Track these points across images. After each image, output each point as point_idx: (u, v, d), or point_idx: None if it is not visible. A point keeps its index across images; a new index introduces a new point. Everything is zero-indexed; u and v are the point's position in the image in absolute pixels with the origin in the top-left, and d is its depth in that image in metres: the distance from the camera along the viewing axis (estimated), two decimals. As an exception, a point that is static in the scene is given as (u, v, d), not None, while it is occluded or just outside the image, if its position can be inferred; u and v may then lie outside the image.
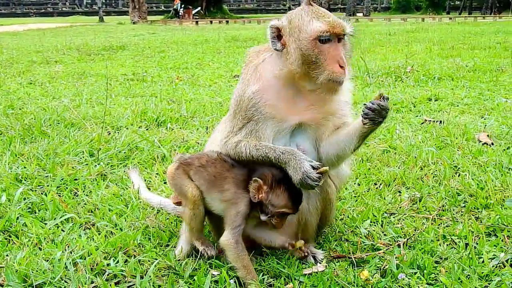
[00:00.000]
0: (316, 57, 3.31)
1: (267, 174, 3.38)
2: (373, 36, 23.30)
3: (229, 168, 3.49)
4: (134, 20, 51.09)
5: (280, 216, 3.39)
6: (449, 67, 11.95)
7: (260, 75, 3.52)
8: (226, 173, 3.47)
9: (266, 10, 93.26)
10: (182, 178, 3.55)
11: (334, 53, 3.31)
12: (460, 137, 6.16)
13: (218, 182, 3.46)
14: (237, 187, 3.42)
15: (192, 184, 3.50)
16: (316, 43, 3.31)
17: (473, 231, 3.90)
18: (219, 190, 3.45)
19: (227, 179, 3.45)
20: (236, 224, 3.37)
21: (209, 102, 8.51)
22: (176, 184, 3.60)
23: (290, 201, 3.37)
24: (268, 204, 3.36)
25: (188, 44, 21.33)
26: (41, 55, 16.74)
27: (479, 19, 45.19)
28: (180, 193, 3.60)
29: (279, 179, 3.37)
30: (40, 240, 3.88)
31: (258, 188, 3.36)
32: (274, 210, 3.36)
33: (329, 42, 3.32)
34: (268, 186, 3.36)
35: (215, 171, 3.49)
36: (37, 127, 6.80)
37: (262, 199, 3.36)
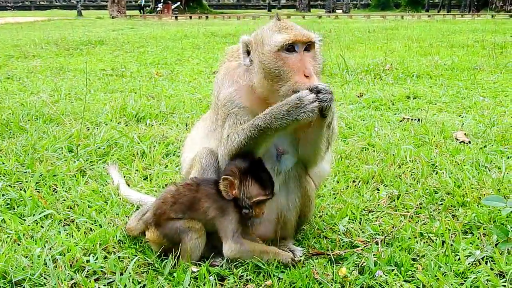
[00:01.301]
0: (279, 70, 3.30)
1: (233, 169, 3.41)
2: (352, 33, 23.38)
3: (196, 189, 3.50)
4: (113, 15, 50.78)
5: (258, 205, 3.43)
6: (428, 65, 12.04)
7: (234, 79, 3.56)
8: (197, 194, 3.48)
9: (245, 6, 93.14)
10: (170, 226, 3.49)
11: (299, 63, 3.30)
12: (437, 135, 6.23)
13: (195, 206, 3.46)
14: (215, 201, 3.44)
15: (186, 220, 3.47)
16: (279, 55, 3.31)
17: (449, 228, 3.95)
18: (201, 212, 3.46)
19: (201, 199, 3.46)
20: (233, 232, 3.41)
21: (188, 99, 8.51)
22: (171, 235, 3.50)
23: (263, 186, 3.40)
24: (243, 198, 3.40)
25: (168, 39, 21.26)
26: (18, 50, 16.60)
27: (458, 17, 45.50)
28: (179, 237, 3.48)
29: (245, 169, 3.39)
30: (19, 237, 3.87)
31: (230, 185, 3.40)
32: (251, 201, 3.39)
33: (294, 52, 3.32)
34: (238, 180, 3.39)
35: (187, 198, 3.49)
36: (15, 122, 6.76)
37: (236, 195, 3.40)
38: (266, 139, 3.38)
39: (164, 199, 3.56)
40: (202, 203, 3.45)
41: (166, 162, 5.57)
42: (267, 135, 3.34)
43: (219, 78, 3.65)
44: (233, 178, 3.39)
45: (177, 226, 3.45)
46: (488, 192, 4.57)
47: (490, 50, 14.07)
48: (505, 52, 14.49)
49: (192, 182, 3.55)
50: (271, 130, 3.30)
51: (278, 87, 3.31)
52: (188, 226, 3.44)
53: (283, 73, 3.30)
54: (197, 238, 3.45)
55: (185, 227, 3.44)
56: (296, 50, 3.32)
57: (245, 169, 3.40)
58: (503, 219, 4.02)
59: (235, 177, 3.39)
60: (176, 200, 3.50)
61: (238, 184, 3.40)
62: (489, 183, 4.77)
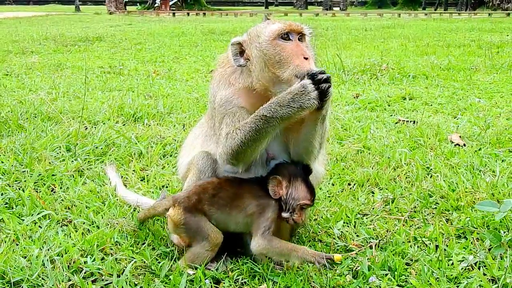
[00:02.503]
0: (279, 56, 3.37)
1: (284, 169, 3.48)
2: (349, 31, 23.44)
3: (239, 184, 3.53)
4: (111, 11, 50.72)
5: (301, 210, 3.49)
6: (424, 65, 12.09)
7: (230, 82, 3.59)
8: (240, 190, 3.50)
9: (243, 2, 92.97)
10: (197, 220, 3.50)
11: (296, 49, 3.39)
12: (433, 137, 6.27)
13: (236, 202, 3.48)
14: (258, 198, 3.47)
15: (212, 226, 3.49)
16: (276, 43, 3.40)
17: (443, 233, 3.99)
18: (241, 209, 3.48)
19: (244, 194, 3.49)
20: (266, 228, 3.43)
21: (186, 98, 8.54)
22: (191, 228, 3.51)
23: (309, 192, 3.48)
24: (288, 199, 3.45)
25: (165, 36, 21.27)
26: (17, 45, 16.63)
27: (455, 15, 45.52)
28: (195, 236, 3.51)
29: (295, 172, 3.48)
30: (17, 237, 3.90)
31: (278, 184, 3.45)
32: (295, 204, 3.45)
33: (289, 40, 3.42)
34: (287, 180, 3.45)
35: (229, 193, 3.50)
36: (14, 120, 6.79)
37: (282, 195, 3.45)
38: (271, 130, 3.36)
39: (204, 188, 3.55)
40: (244, 199, 3.48)
41: (163, 163, 5.61)
42: (272, 125, 3.32)
43: (214, 84, 3.67)
44: (282, 178, 3.46)
45: (201, 225, 3.47)
46: (482, 197, 4.61)
47: (487, 50, 14.11)
48: (502, 52, 14.56)
49: (234, 178, 3.56)
50: (276, 120, 3.29)
51: (281, 72, 3.36)
52: (210, 234, 3.46)
53: (283, 59, 3.36)
54: (208, 251, 3.47)
55: (206, 232, 3.46)
56: (291, 39, 3.42)
57: (295, 172, 3.49)
58: (496, 224, 4.06)
59: (284, 177, 3.46)
60: (216, 193, 3.51)
61: (286, 185, 3.46)
62: (483, 187, 4.81)
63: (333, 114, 7.36)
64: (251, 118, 3.36)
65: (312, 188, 3.53)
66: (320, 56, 12.24)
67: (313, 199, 3.53)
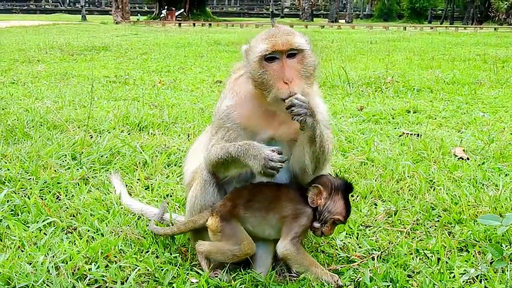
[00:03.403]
0: (262, 78, 3.34)
1: (327, 181, 3.52)
2: (354, 44, 23.52)
3: (277, 188, 3.54)
4: (117, 20, 50.98)
5: (332, 224, 3.52)
6: (429, 79, 12.11)
7: (236, 91, 3.61)
8: (278, 193, 3.52)
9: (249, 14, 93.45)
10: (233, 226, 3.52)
11: (279, 71, 3.32)
12: (436, 151, 6.28)
13: (273, 204, 3.50)
14: (295, 202, 3.50)
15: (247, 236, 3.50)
16: (262, 63, 3.35)
17: (445, 246, 4.00)
18: (277, 210, 3.49)
19: (282, 196, 3.51)
20: (297, 235, 3.46)
21: (190, 108, 8.58)
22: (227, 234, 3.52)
23: (345, 209, 3.53)
24: (324, 210, 3.48)
25: (171, 46, 21.38)
26: (23, 54, 16.72)
27: (460, 29, 45.61)
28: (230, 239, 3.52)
29: (337, 186, 3.52)
30: (23, 243, 3.93)
31: (318, 193, 3.48)
32: (329, 217, 3.48)
33: (276, 60, 3.35)
34: (327, 192, 3.49)
35: (266, 196, 3.52)
36: (20, 128, 6.84)
37: (319, 205, 3.48)
38: (235, 166, 3.48)
39: (239, 194, 3.58)
40: (282, 201, 3.49)
41: (168, 172, 5.64)
42: (236, 164, 3.45)
43: (225, 91, 3.72)
44: (323, 189, 3.49)
45: (237, 232, 3.49)
46: (485, 210, 4.62)
47: (492, 64, 14.15)
48: (507, 67, 14.60)
49: (271, 183, 3.55)
50: (239, 163, 3.41)
51: (266, 94, 3.36)
52: (243, 242, 3.47)
53: (266, 81, 3.34)
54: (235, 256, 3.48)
55: (241, 239, 3.47)
56: (278, 58, 3.35)
57: (338, 186, 3.53)
58: (498, 238, 4.07)
59: (325, 188, 3.50)
60: (252, 198, 3.53)
61: (326, 196, 3.49)
62: (486, 200, 4.82)
63: (337, 126, 7.39)
64: (223, 147, 3.46)
65: (349, 206, 3.57)
66: (325, 68, 12.35)
67: (346, 216, 3.56)
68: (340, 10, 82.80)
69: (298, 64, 3.36)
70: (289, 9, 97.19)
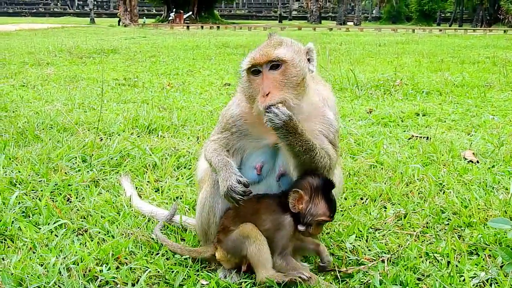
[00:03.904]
0: (248, 91, 3.43)
1: (306, 183, 3.44)
2: (363, 46, 23.53)
3: (257, 200, 3.52)
4: (125, 23, 51.12)
5: (318, 225, 3.49)
6: (438, 82, 12.09)
7: (239, 99, 3.66)
8: (257, 206, 3.50)
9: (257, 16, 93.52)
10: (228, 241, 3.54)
11: (261, 83, 3.35)
12: (446, 154, 6.28)
13: (253, 217, 3.48)
14: (273, 213, 3.47)
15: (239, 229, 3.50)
16: (248, 77, 3.43)
17: (455, 249, 3.99)
18: (258, 224, 3.47)
19: (261, 210, 3.49)
20: (281, 249, 3.46)
21: (199, 111, 8.60)
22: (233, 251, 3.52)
23: (328, 209, 3.46)
24: (307, 214, 3.43)
25: (179, 49, 21.44)
26: (33, 57, 16.81)
27: (469, 32, 45.53)
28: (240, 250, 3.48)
29: (317, 188, 3.44)
30: (34, 245, 3.96)
31: (299, 199, 3.43)
32: (313, 219, 3.43)
33: (260, 73, 3.38)
34: (308, 195, 3.43)
35: (247, 210, 3.50)
36: (30, 131, 6.88)
37: (301, 210, 3.44)
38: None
39: (226, 215, 3.62)
40: (261, 214, 3.48)
41: (177, 174, 5.66)
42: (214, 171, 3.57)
43: (235, 95, 3.77)
44: (304, 193, 3.43)
45: (233, 237, 3.48)
46: (495, 214, 4.61)
47: (501, 67, 14.11)
48: (516, 69, 14.54)
49: (254, 196, 3.51)
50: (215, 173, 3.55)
51: (252, 105, 3.43)
52: (241, 233, 3.45)
53: (251, 95, 3.41)
54: (255, 243, 3.41)
55: (239, 236, 3.46)
56: (261, 71, 3.38)
57: (317, 187, 3.44)
58: (509, 241, 4.05)
59: (306, 192, 3.43)
60: (237, 213, 3.54)
61: (307, 200, 3.43)
62: (496, 204, 4.81)
63: (346, 129, 7.40)
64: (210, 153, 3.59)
65: (333, 204, 3.49)
66: (334, 71, 12.37)
67: (332, 215, 3.50)
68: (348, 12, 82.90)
69: (280, 75, 3.36)
70: (297, 12, 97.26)
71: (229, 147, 3.62)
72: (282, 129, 3.26)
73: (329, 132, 3.55)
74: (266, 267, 3.40)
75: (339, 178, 3.93)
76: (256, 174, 3.61)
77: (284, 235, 3.46)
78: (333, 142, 3.58)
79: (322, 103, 3.59)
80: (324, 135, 3.52)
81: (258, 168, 3.60)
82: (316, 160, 3.42)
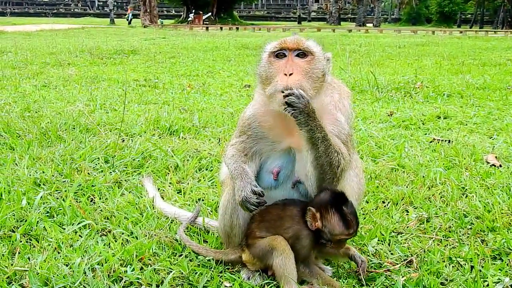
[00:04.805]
0: (267, 72, 3.47)
1: (318, 200, 3.40)
2: (383, 48, 23.45)
3: (282, 207, 3.51)
4: (145, 24, 51.37)
5: (339, 242, 3.43)
6: (459, 84, 12.02)
7: (255, 99, 3.71)
8: (282, 212, 3.49)
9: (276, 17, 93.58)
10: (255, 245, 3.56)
11: (284, 65, 3.41)
12: (468, 157, 6.24)
13: (278, 223, 3.48)
14: (296, 223, 3.44)
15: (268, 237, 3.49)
16: (270, 59, 3.49)
17: (478, 254, 3.98)
18: (281, 230, 3.46)
19: (285, 217, 3.47)
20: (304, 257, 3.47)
21: (220, 113, 8.62)
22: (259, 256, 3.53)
23: (345, 225, 3.35)
24: (325, 232, 3.37)
25: (199, 50, 21.51)
26: (54, 57, 16.96)
27: (490, 33, 45.20)
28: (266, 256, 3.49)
29: (327, 204, 3.36)
30: (59, 245, 4.00)
31: (312, 216, 3.38)
32: (331, 238, 3.37)
33: (284, 58, 3.46)
34: (320, 213, 3.37)
35: (272, 216, 3.51)
36: (53, 131, 6.95)
37: (318, 227, 3.38)
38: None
39: (253, 218, 3.63)
40: (284, 221, 3.47)
41: (199, 176, 5.68)
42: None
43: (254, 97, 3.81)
44: (315, 210, 3.38)
45: (262, 245, 3.48)
46: (518, 218, 4.59)
47: (524, 70, 14.02)
48: (538, 72, 14.43)
49: (279, 202, 3.55)
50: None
51: (266, 89, 3.43)
52: (269, 244, 3.44)
53: (270, 75, 3.44)
54: (281, 256, 3.38)
55: (267, 246, 3.45)
56: (286, 56, 3.46)
57: (327, 204, 3.36)
58: (532, 246, 4.05)
59: (317, 209, 3.37)
60: (263, 218, 3.56)
61: (320, 218, 3.38)
62: (519, 208, 4.80)
63: (367, 132, 7.39)
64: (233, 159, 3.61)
65: (350, 220, 3.36)
66: (354, 73, 12.34)
67: (352, 231, 3.38)
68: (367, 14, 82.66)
69: (305, 64, 3.44)
70: (316, 13, 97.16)
71: (246, 151, 3.64)
72: (304, 112, 3.24)
73: (340, 134, 3.52)
74: (290, 282, 3.37)
75: (358, 182, 3.87)
76: (272, 179, 3.63)
77: (304, 246, 3.45)
78: (345, 143, 3.53)
79: (334, 106, 3.59)
80: (335, 135, 3.49)
81: (275, 173, 3.61)
82: (330, 153, 3.36)
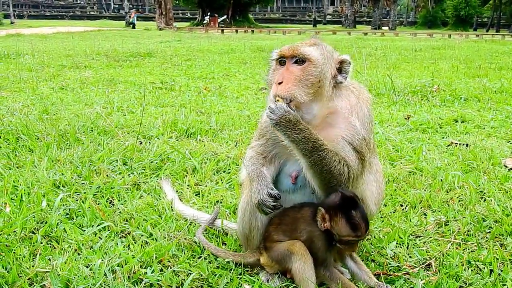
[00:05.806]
0: (269, 80, 3.59)
1: (327, 201, 3.39)
2: (399, 51, 23.38)
3: (299, 210, 3.53)
4: (160, 27, 51.54)
5: (347, 244, 3.41)
6: (476, 88, 11.95)
7: None
8: (297, 215, 3.51)
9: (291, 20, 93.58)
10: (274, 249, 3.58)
11: (280, 74, 3.46)
12: (486, 161, 6.22)
13: (294, 225, 3.49)
14: (309, 225, 3.44)
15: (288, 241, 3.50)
16: (274, 67, 3.58)
17: (497, 257, 3.97)
18: (296, 233, 3.48)
19: (299, 219, 3.48)
20: (322, 260, 3.44)
21: (237, 115, 8.65)
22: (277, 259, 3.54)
23: (353, 227, 3.32)
24: (335, 233, 3.36)
25: (214, 53, 21.57)
26: (70, 60, 17.08)
27: (507, 37, 44.94)
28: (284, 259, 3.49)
29: (335, 206, 3.35)
30: (79, 247, 4.04)
31: (321, 217, 3.37)
32: (341, 239, 3.36)
33: (284, 65, 3.51)
34: (328, 214, 3.35)
35: (289, 219, 3.53)
36: (71, 133, 7.00)
37: (327, 228, 3.37)
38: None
39: (271, 221, 3.64)
40: (300, 224, 3.48)
41: (217, 178, 5.70)
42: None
43: None
44: (325, 211, 3.36)
45: (280, 250, 3.50)
46: (537, 222, 4.57)
47: (540, 74, 13.91)
48: (556, 76, 14.31)
49: (297, 205, 3.57)
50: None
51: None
52: (288, 249, 3.45)
53: (269, 82, 3.57)
54: (300, 261, 3.38)
55: (286, 250, 3.46)
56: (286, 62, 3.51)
57: (336, 206, 3.34)
58: (551, 250, 4.04)
59: (326, 210, 3.36)
60: (280, 221, 3.58)
61: (329, 219, 3.37)
62: (538, 213, 4.77)
63: (384, 135, 7.38)
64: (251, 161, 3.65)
65: (358, 223, 3.32)
66: (370, 76, 12.32)
67: (360, 234, 3.34)
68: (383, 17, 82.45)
69: (300, 71, 3.45)
70: (332, 16, 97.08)
71: (266, 154, 3.67)
72: (280, 124, 3.30)
73: (353, 139, 3.48)
74: (309, 287, 3.39)
75: (378, 187, 3.86)
76: (291, 183, 3.64)
77: (319, 248, 3.44)
78: (358, 149, 3.49)
79: (349, 110, 3.57)
80: (348, 141, 3.46)
81: (293, 176, 3.61)
82: (328, 163, 3.34)
